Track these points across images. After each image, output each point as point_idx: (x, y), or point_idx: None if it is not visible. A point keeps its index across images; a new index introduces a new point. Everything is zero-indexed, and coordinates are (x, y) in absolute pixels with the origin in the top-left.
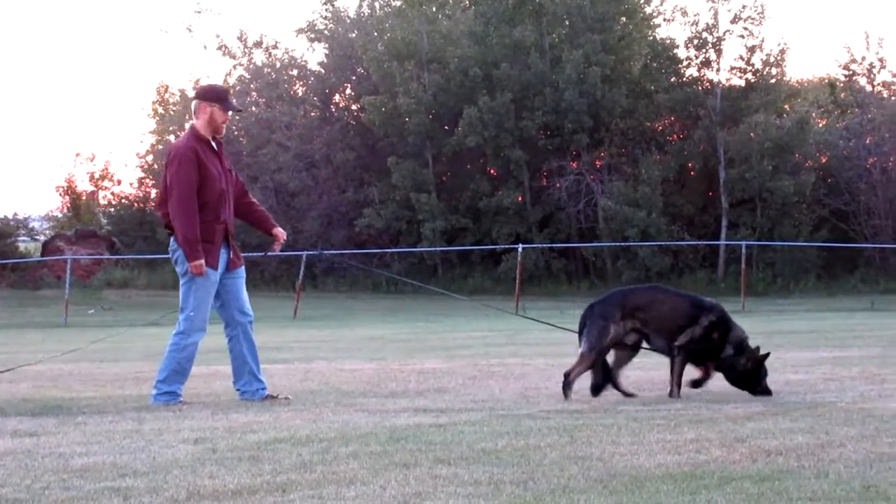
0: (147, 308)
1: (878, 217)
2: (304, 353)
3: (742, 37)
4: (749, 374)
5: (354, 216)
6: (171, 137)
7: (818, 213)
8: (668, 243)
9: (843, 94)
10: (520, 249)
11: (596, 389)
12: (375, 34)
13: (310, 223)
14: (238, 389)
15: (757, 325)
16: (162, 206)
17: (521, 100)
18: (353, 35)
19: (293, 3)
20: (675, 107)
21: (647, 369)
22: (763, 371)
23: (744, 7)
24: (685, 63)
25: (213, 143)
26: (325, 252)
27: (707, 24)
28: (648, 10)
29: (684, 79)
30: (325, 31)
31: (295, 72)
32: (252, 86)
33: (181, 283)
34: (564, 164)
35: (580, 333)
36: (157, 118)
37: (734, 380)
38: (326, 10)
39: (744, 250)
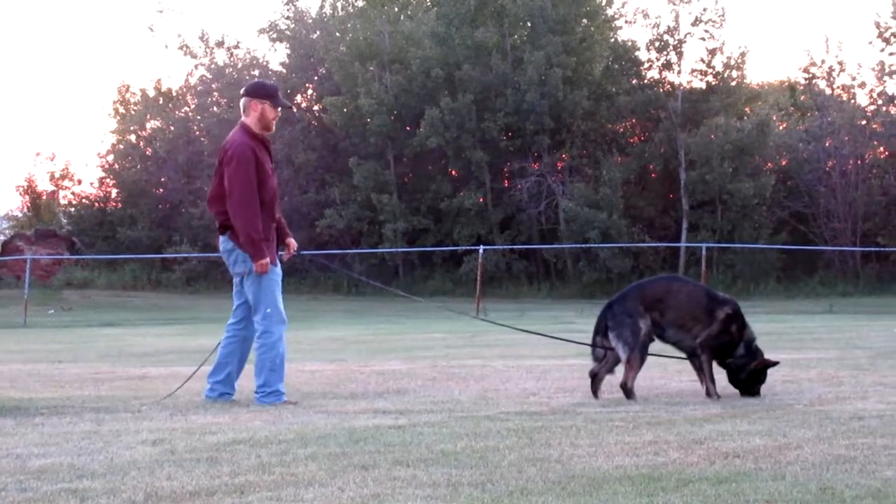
0: (107, 309)
1: (838, 220)
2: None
3: (703, 39)
4: (753, 374)
5: (316, 217)
6: (133, 137)
7: (778, 216)
8: (628, 245)
9: (802, 97)
10: (481, 251)
11: (593, 375)
12: (337, 35)
13: None
14: (209, 381)
15: None
16: (214, 203)
17: (482, 101)
18: (315, 35)
19: (255, 3)
20: (636, 109)
21: None
22: (764, 376)
23: (704, 10)
24: (646, 65)
25: (264, 141)
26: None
27: (668, 26)
28: (610, 12)
29: (645, 81)
30: (287, 32)
31: (256, 72)
32: (213, 86)
33: (247, 283)
34: (526, 165)
35: (596, 335)
36: (118, 118)
37: (737, 380)
38: (288, 10)
39: (704, 252)
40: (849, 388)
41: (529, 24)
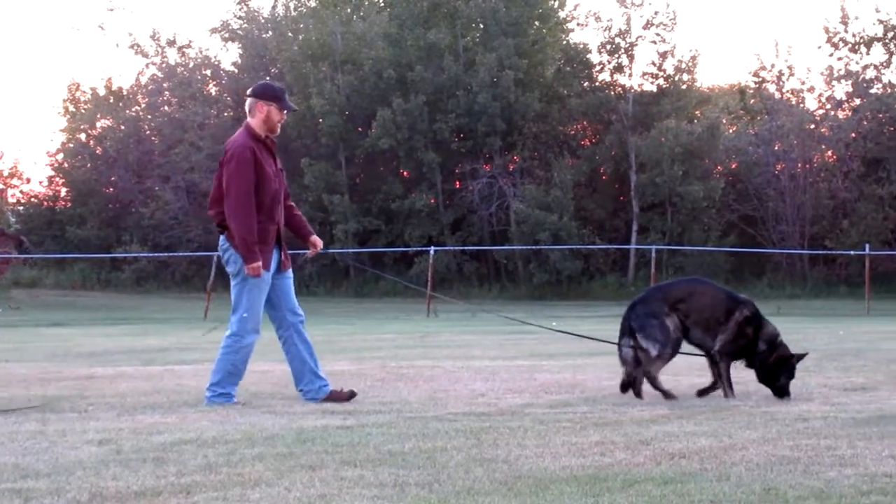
0: (55, 308)
1: (786, 223)
2: (214, 354)
3: (654, 43)
4: (773, 368)
5: None
6: (83, 136)
7: (727, 219)
8: (579, 247)
9: (752, 101)
10: (432, 252)
11: (625, 387)
12: (290, 35)
13: None
14: (301, 390)
15: None
16: (214, 204)
17: (434, 102)
18: (268, 35)
19: (207, 2)
20: (587, 111)
21: (555, 372)
22: (787, 370)
23: (656, 13)
24: (598, 68)
25: (267, 143)
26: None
27: (620, 29)
28: (562, 14)
29: (597, 84)
30: (239, 31)
31: (208, 71)
32: (165, 85)
33: (233, 283)
34: (477, 166)
35: (622, 335)
36: (69, 116)
37: (762, 376)
38: (240, 9)
39: (653, 254)
40: (794, 390)
41: (482, 26)
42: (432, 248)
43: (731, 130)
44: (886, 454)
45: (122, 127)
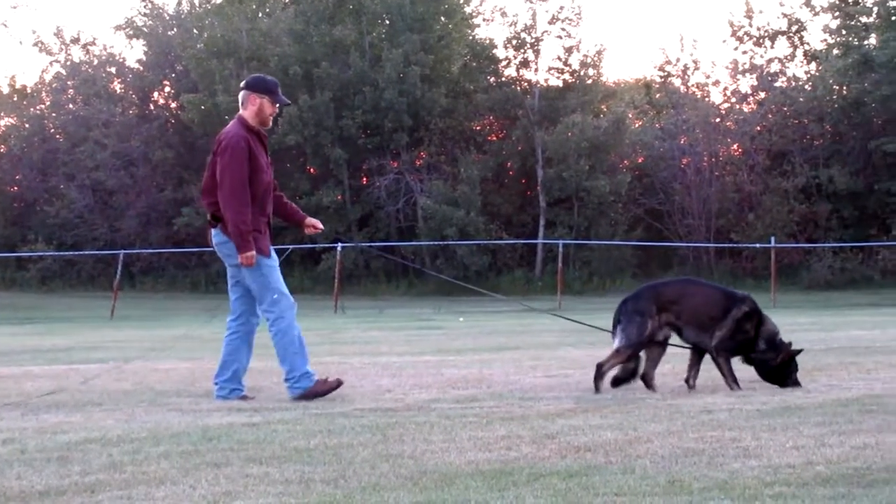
0: None
1: (692, 217)
2: (120, 352)
3: (560, 38)
4: (781, 368)
5: (173, 215)
6: None
7: (633, 213)
8: (486, 242)
9: (658, 95)
10: (339, 248)
11: (617, 382)
12: (195, 32)
13: (128, 222)
14: (216, 383)
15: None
16: (207, 194)
17: (340, 98)
18: (172, 32)
19: None
20: (493, 106)
21: (462, 367)
22: (794, 365)
23: (561, 8)
24: (504, 63)
25: (260, 135)
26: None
27: (525, 24)
28: (468, 10)
29: (503, 79)
30: (144, 28)
31: (113, 69)
32: (69, 82)
33: (247, 274)
34: (384, 163)
35: (614, 328)
36: None
37: (766, 374)
38: (145, 6)
39: (561, 249)
40: (699, 383)
41: (388, 22)
42: (339, 244)
43: (636, 125)
44: (790, 445)
45: (27, 125)
